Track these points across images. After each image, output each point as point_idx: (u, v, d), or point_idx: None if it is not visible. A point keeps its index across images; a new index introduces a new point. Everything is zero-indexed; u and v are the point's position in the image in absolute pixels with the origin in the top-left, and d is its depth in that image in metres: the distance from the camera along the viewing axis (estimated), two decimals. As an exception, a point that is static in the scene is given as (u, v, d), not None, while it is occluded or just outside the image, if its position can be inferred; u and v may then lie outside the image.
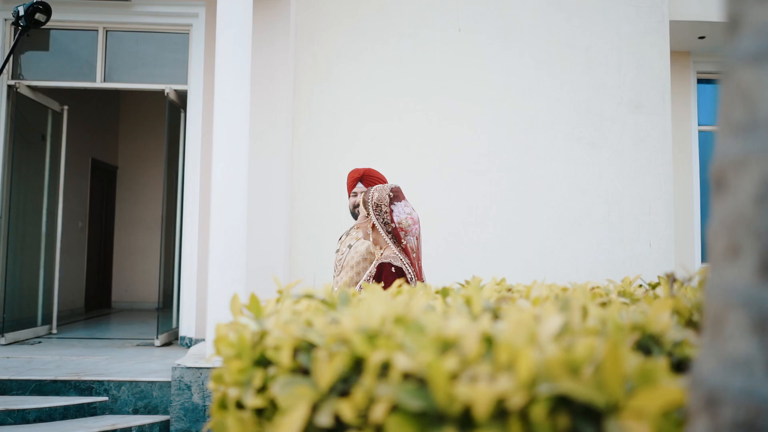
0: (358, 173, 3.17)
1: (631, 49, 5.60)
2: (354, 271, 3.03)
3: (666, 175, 5.55)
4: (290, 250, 5.36)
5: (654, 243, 5.51)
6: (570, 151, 5.61)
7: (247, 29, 4.33)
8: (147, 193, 8.77)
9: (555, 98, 5.62)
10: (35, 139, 5.74)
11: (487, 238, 5.52)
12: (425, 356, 0.50)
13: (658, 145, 5.56)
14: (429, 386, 0.49)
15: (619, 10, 5.63)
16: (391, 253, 2.56)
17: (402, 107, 5.55)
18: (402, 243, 2.57)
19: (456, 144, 5.56)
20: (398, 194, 2.65)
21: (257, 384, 0.68)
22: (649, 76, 5.59)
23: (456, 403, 0.48)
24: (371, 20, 5.59)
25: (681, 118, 6.32)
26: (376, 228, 2.62)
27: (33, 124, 5.69)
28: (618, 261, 5.53)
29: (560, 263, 5.52)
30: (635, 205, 5.56)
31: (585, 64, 5.63)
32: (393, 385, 0.51)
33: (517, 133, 5.60)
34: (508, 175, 5.57)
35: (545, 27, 5.64)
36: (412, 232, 2.61)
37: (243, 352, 0.72)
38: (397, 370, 0.52)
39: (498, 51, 5.64)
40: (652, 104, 5.58)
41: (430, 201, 5.43)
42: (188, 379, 3.99)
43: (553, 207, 5.57)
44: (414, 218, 2.63)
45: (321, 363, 0.58)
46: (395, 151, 5.49)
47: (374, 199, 2.61)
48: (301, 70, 5.54)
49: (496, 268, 5.48)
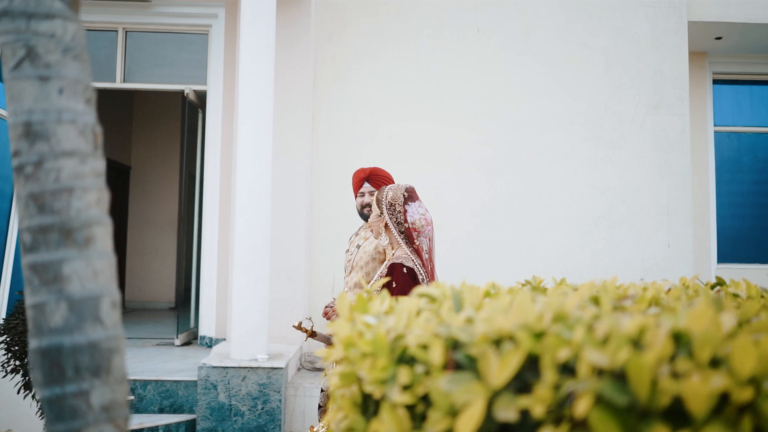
0: (364, 173, 3.13)
1: (649, 49, 5.61)
2: (363, 272, 3.01)
3: (684, 176, 5.56)
4: (310, 250, 5.37)
5: (673, 243, 5.52)
6: (588, 152, 5.62)
7: (271, 28, 4.34)
8: (161, 193, 8.78)
9: (573, 98, 5.63)
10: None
11: (505, 238, 5.52)
12: (622, 352, 0.51)
13: (676, 145, 5.57)
14: (629, 381, 0.50)
15: (638, 10, 5.64)
16: (402, 253, 2.54)
17: (420, 107, 5.56)
18: (414, 244, 2.56)
19: (473, 144, 5.56)
20: (412, 194, 2.64)
21: (404, 381, 0.69)
22: (668, 76, 5.60)
23: (661, 397, 0.49)
24: (390, 20, 5.60)
25: (697, 118, 6.33)
26: (388, 227, 2.61)
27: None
28: (637, 261, 5.53)
29: (579, 263, 5.53)
30: (654, 206, 5.57)
31: (603, 64, 5.64)
32: (584, 380, 0.52)
33: (536, 134, 5.61)
34: (526, 175, 5.58)
35: (563, 27, 5.65)
36: (425, 233, 2.59)
37: (381, 351, 0.73)
38: (587, 365, 0.53)
39: (516, 51, 5.65)
40: (670, 105, 5.58)
41: (447, 200, 5.43)
42: (214, 379, 4.01)
43: (572, 207, 5.58)
44: (428, 219, 2.61)
45: (490, 360, 0.59)
46: (412, 151, 5.50)
47: (388, 199, 2.60)
48: (320, 69, 5.55)
49: (514, 268, 5.50)
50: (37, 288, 0.61)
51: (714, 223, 6.37)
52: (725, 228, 6.40)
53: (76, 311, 0.61)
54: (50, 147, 0.64)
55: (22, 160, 0.64)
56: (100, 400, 0.60)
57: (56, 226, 0.62)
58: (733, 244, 6.39)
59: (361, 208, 3.12)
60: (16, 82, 0.64)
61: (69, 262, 0.62)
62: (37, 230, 0.62)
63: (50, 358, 0.59)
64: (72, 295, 0.61)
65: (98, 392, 0.60)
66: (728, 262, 6.33)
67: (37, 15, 0.65)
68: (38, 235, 0.62)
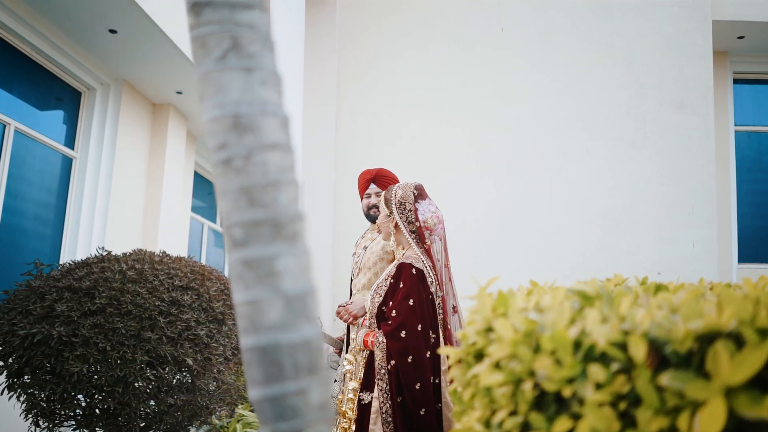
0: (370, 174, 3.09)
1: (673, 49, 5.60)
2: (372, 272, 2.97)
3: (709, 175, 5.54)
4: (334, 249, 5.36)
5: (697, 243, 5.51)
6: (610, 152, 5.61)
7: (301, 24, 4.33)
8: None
9: (596, 98, 5.62)
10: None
11: (528, 238, 5.51)
12: None
13: (700, 144, 5.56)
14: None
15: (662, 9, 5.63)
16: (413, 253, 2.47)
17: (442, 107, 5.55)
18: (425, 243, 2.49)
19: (495, 144, 5.55)
20: (422, 192, 2.56)
21: (599, 379, 0.67)
22: (691, 76, 5.59)
23: None
24: (413, 20, 5.59)
25: (718, 118, 6.32)
26: (398, 227, 2.53)
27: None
28: (660, 261, 5.52)
29: (602, 263, 5.51)
30: (677, 205, 5.56)
31: (626, 63, 5.63)
32: None
33: (558, 133, 5.60)
34: (548, 174, 5.56)
35: (586, 26, 5.64)
36: (437, 232, 2.52)
37: (563, 348, 0.72)
38: None
39: (539, 50, 5.64)
40: (694, 104, 5.57)
41: (468, 201, 5.42)
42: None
43: (594, 207, 5.56)
44: (439, 217, 2.54)
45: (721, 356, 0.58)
46: (434, 151, 5.49)
47: (398, 197, 2.52)
48: (343, 69, 5.53)
49: (537, 268, 5.48)
50: (252, 284, 0.60)
51: (735, 223, 6.36)
52: (746, 228, 6.39)
53: (291, 308, 0.59)
54: (257, 139, 0.62)
55: (231, 153, 0.62)
56: (317, 399, 0.58)
57: (267, 221, 0.60)
58: (753, 244, 6.39)
59: (368, 209, 3.07)
60: (221, 74, 0.63)
61: (281, 258, 0.61)
62: (249, 225, 0.61)
63: (269, 356, 0.57)
64: (287, 291, 0.60)
65: (315, 391, 0.58)
66: (749, 262, 6.32)
67: (239, 5, 0.64)
68: (250, 229, 0.60)
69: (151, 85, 5.71)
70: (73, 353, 2.75)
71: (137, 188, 5.95)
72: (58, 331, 2.76)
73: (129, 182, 5.80)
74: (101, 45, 4.87)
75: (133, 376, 2.80)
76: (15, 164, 4.63)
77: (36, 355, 2.78)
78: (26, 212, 4.83)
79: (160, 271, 3.09)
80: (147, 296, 2.91)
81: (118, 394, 2.82)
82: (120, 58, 5.14)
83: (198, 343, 2.98)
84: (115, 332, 2.80)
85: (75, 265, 3.17)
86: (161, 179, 6.07)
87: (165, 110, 6.20)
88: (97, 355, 2.76)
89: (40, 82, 4.98)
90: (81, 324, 2.80)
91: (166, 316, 2.92)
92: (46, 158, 5.08)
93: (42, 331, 2.76)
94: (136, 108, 5.83)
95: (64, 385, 2.78)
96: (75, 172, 5.37)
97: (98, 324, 2.80)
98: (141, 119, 5.95)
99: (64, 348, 2.78)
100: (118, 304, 2.87)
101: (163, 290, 2.97)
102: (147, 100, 6.06)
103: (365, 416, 2.30)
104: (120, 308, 2.86)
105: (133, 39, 4.77)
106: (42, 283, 3.02)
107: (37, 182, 4.98)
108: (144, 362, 2.82)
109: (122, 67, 5.33)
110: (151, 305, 2.90)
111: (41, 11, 4.39)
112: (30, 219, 4.89)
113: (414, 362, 2.25)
